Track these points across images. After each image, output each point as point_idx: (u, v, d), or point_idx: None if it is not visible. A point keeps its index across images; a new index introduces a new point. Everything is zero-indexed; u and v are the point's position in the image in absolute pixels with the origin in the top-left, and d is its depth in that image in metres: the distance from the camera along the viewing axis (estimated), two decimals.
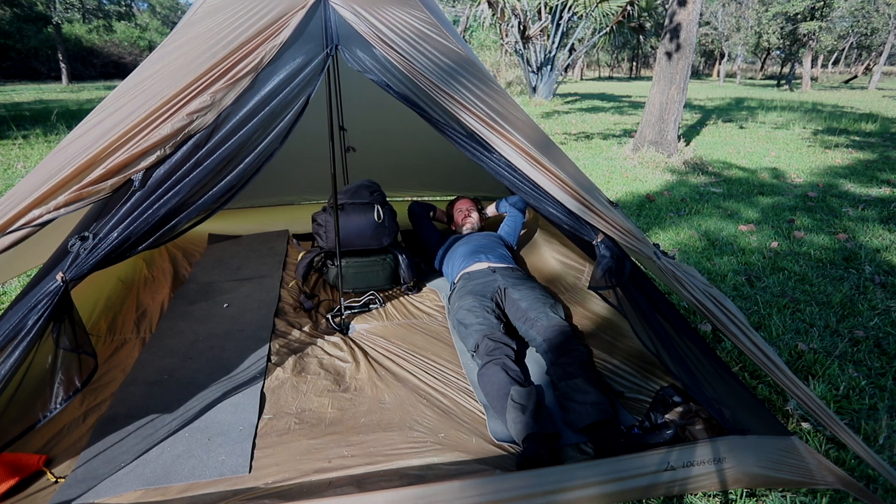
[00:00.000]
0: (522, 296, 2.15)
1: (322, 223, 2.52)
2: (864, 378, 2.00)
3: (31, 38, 22.23)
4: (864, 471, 1.56)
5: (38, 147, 6.57)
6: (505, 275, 2.32)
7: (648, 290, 1.56)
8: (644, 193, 4.70)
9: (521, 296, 2.15)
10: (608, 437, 1.51)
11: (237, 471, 1.43)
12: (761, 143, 7.49)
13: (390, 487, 1.32)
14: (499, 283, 2.25)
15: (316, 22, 1.35)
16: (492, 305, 2.11)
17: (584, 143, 7.59)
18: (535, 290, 2.18)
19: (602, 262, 1.50)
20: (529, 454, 1.44)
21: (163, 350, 2.04)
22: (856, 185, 5.04)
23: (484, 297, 2.15)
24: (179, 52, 1.35)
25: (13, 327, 1.18)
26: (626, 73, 45.83)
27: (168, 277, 2.69)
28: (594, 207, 1.42)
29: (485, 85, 1.42)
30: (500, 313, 2.11)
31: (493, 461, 1.49)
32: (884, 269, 2.99)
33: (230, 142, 1.31)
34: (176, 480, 1.40)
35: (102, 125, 1.25)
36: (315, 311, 2.42)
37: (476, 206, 3.00)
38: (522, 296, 2.15)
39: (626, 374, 1.91)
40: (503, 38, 15.11)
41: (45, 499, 1.35)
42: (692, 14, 5.80)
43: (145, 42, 29.41)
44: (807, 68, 22.07)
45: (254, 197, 3.44)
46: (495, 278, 2.29)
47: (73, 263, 1.23)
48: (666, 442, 1.47)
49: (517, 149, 1.40)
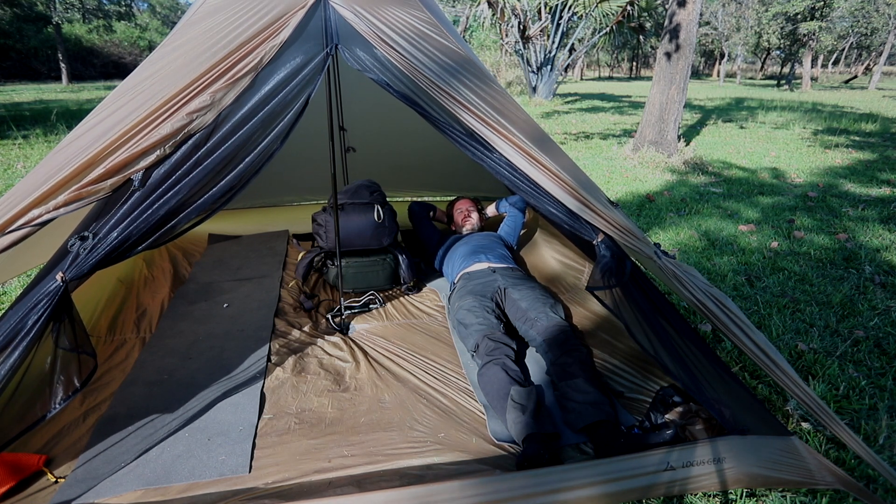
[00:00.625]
0: (522, 296, 2.14)
1: (322, 223, 2.52)
2: (864, 378, 1.99)
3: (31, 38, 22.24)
4: (864, 471, 1.56)
5: (38, 147, 6.58)
6: (505, 275, 2.32)
7: (648, 290, 1.56)
8: (644, 193, 4.70)
9: (521, 296, 2.15)
10: (608, 437, 1.51)
11: (237, 471, 1.43)
12: (761, 143, 7.49)
13: (390, 487, 1.32)
14: (499, 283, 2.25)
15: (316, 22, 1.35)
16: (491, 305, 2.11)
17: (584, 143, 7.59)
18: (535, 290, 2.18)
19: (602, 262, 1.50)
20: (529, 454, 1.44)
21: (163, 350, 2.04)
22: (856, 185, 5.04)
23: (484, 297, 2.15)
24: (179, 51, 1.35)
25: (13, 327, 1.18)
26: (626, 73, 45.83)
27: (168, 277, 2.69)
28: (594, 207, 1.42)
29: (485, 84, 1.42)
30: (499, 313, 2.11)
31: (493, 461, 1.49)
32: (884, 269, 2.99)
33: (230, 142, 1.31)
34: (176, 480, 1.40)
35: (102, 125, 1.25)
36: (315, 311, 2.42)
37: (476, 206, 3.00)
38: (522, 296, 2.14)
39: (626, 374, 1.91)
40: (503, 38, 15.12)
41: (45, 499, 1.35)
42: (692, 14, 5.80)
43: (145, 42, 29.42)
44: (807, 68, 22.08)
45: (254, 197, 3.44)
46: (495, 278, 2.29)
47: (73, 263, 1.23)
48: (666, 442, 1.47)
49: (517, 148, 1.40)
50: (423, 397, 1.79)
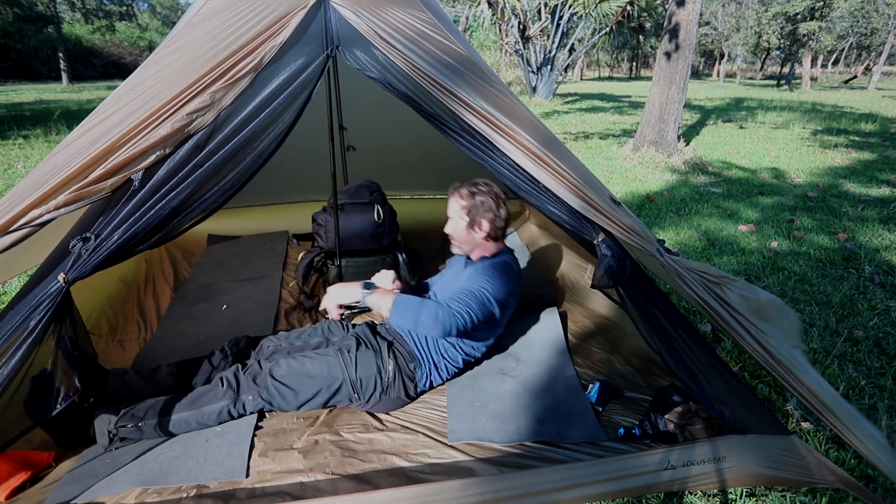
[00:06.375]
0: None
1: (322, 223, 2.52)
2: (864, 378, 2.00)
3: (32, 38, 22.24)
4: (863, 470, 1.56)
5: (38, 147, 6.58)
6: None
7: (649, 289, 1.57)
8: (644, 193, 4.71)
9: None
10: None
11: (234, 473, 1.43)
12: (761, 143, 7.50)
13: (390, 487, 1.32)
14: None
15: (316, 23, 1.35)
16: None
17: (584, 143, 7.60)
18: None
19: (603, 262, 1.51)
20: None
21: (164, 350, 2.04)
22: (855, 185, 5.04)
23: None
24: (180, 52, 1.35)
25: (15, 328, 1.18)
26: (625, 73, 45.83)
27: (169, 278, 2.69)
28: (598, 206, 1.42)
29: (487, 83, 1.42)
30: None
31: (494, 461, 1.49)
32: (883, 269, 2.99)
33: (231, 143, 1.32)
34: (173, 482, 1.40)
35: (103, 125, 1.25)
36: (315, 311, 2.43)
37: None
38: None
39: (626, 373, 1.91)
40: (503, 38, 15.13)
41: (40, 497, 1.35)
42: (692, 14, 5.81)
43: (145, 42, 29.41)
44: (806, 68, 22.08)
45: (253, 196, 3.43)
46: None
47: (76, 264, 1.23)
48: (666, 441, 1.47)
49: (521, 146, 1.39)
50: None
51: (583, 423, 1.61)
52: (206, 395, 1.56)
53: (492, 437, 1.56)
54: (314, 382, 1.61)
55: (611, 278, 1.51)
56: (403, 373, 1.69)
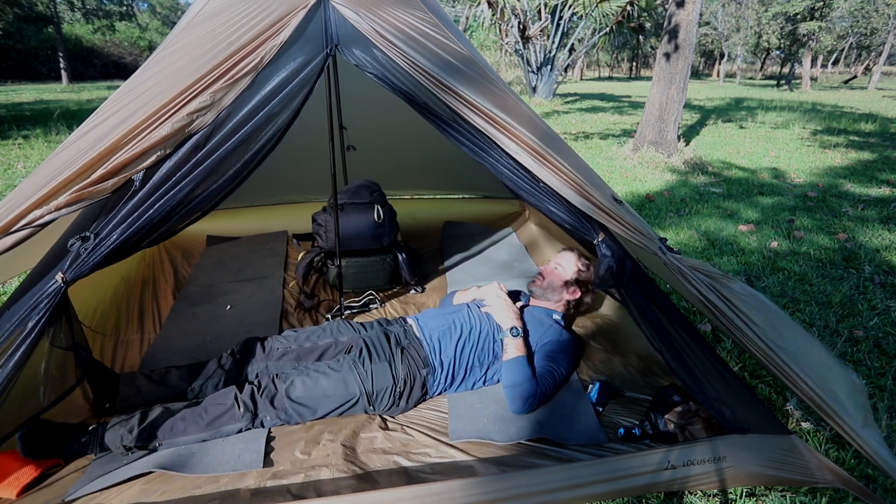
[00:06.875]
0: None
1: (322, 223, 2.52)
2: (864, 378, 2.00)
3: (32, 38, 22.22)
4: (863, 470, 1.56)
5: (38, 147, 6.57)
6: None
7: (649, 288, 1.57)
8: (644, 193, 4.71)
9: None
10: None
11: (252, 464, 1.45)
12: (761, 143, 7.50)
13: (391, 486, 1.32)
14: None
15: (316, 22, 1.35)
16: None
17: (584, 143, 7.60)
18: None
19: (603, 262, 1.51)
20: None
21: (171, 351, 2.03)
22: (855, 185, 5.04)
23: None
24: (181, 53, 1.36)
25: (13, 328, 1.18)
26: (625, 73, 45.83)
27: (169, 279, 2.69)
28: (601, 203, 1.42)
29: (488, 81, 1.42)
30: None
31: (495, 461, 1.49)
32: (883, 269, 2.99)
33: (229, 142, 1.32)
34: (192, 472, 1.41)
35: (103, 126, 1.25)
36: (315, 311, 2.43)
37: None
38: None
39: (626, 373, 1.91)
40: (503, 38, 15.12)
41: (63, 488, 1.36)
42: (691, 14, 5.81)
43: (145, 42, 29.38)
44: (806, 68, 22.08)
45: (253, 197, 3.43)
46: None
47: (74, 264, 1.23)
48: (666, 441, 1.47)
49: (522, 144, 1.39)
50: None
51: (584, 425, 1.61)
52: (223, 416, 1.55)
53: (493, 436, 1.56)
54: (332, 400, 1.63)
55: (611, 278, 1.51)
56: (416, 380, 1.72)
